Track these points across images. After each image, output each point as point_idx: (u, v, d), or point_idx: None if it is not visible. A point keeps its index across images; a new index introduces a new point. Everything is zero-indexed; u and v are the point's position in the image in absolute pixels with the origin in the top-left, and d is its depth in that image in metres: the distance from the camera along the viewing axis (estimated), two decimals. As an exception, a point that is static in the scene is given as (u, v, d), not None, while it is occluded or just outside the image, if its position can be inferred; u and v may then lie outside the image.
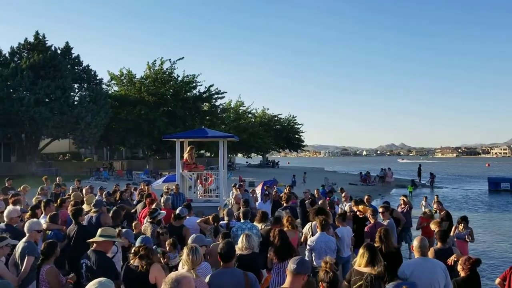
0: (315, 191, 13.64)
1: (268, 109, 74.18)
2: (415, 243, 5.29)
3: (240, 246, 5.29)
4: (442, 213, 10.78)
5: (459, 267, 5.48)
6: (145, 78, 40.37)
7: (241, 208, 8.41)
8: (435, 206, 11.49)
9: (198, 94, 42.51)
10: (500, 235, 16.68)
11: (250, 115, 65.44)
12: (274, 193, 14.36)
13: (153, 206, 8.50)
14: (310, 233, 7.61)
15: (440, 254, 6.11)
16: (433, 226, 8.16)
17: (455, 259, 6.01)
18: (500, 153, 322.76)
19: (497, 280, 5.69)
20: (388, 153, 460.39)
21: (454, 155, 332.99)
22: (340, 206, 12.26)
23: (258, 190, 16.41)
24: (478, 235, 16.34)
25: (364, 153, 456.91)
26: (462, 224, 9.11)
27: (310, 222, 7.99)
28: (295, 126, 75.80)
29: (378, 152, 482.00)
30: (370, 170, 42.11)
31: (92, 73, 37.98)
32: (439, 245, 6.48)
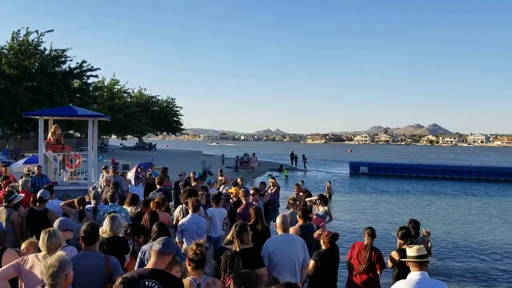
0: (191, 174, 13.68)
1: (145, 89, 71.59)
2: (278, 220, 5.61)
3: (105, 229, 5.08)
4: (304, 193, 11.54)
5: (321, 241, 5.99)
6: (9, 49, 36.09)
7: (110, 190, 8.09)
8: (296, 189, 12.12)
9: (68, 69, 39.34)
10: (360, 213, 18.54)
11: (125, 94, 62.71)
12: (148, 176, 14.09)
13: (9, 189, 7.71)
14: (181, 215, 7.63)
15: (303, 230, 6.65)
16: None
17: (319, 233, 6.53)
18: (361, 140, 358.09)
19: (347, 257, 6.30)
20: (264, 138, 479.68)
21: (323, 141, 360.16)
22: (219, 188, 12.47)
23: (132, 173, 15.96)
24: (340, 213, 18.05)
25: (242, 137, 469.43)
26: (321, 204, 9.82)
27: (181, 205, 8.01)
28: (174, 108, 74.76)
29: (256, 137, 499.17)
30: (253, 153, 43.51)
31: None
32: (301, 222, 6.98)
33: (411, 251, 4.21)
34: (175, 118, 75.59)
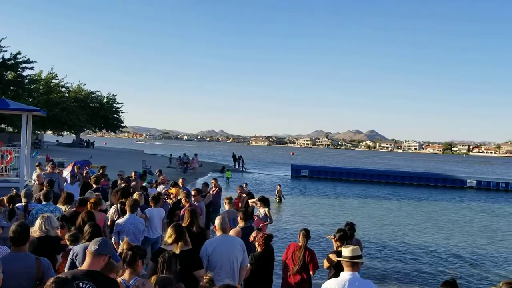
0: (132, 173, 13.36)
1: (85, 84, 68.86)
2: (216, 221, 5.64)
3: (36, 228, 4.88)
4: (247, 195, 11.67)
5: (256, 243, 6.07)
6: None
7: (44, 188, 7.75)
8: (239, 190, 12.22)
9: (1, 60, 37.08)
10: (300, 215, 18.95)
11: (64, 89, 60.04)
12: (85, 174, 13.60)
13: None
14: (117, 215, 7.46)
15: (244, 232, 6.74)
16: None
17: (254, 235, 6.63)
18: (303, 143, 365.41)
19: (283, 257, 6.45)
20: (208, 138, 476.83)
21: (266, 143, 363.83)
22: (158, 188, 12.26)
23: (68, 171, 15.36)
24: (281, 215, 18.37)
25: (185, 137, 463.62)
26: (261, 205, 9.96)
27: (116, 205, 7.82)
28: (114, 105, 72.44)
29: (199, 137, 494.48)
30: (191, 154, 43.10)
31: None
32: (242, 223, 7.06)
33: (346, 251, 4.38)
34: (115, 115, 73.22)
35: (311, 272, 6.04)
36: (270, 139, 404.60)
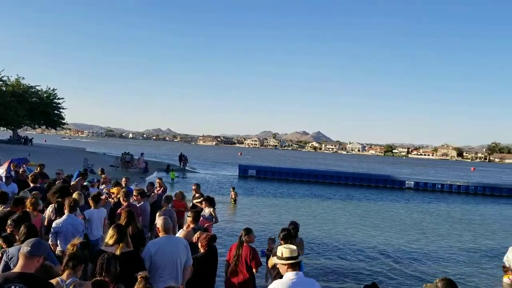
0: (79, 172, 12.85)
1: (23, 78, 65.24)
2: (159, 222, 5.54)
3: None
4: (197, 195, 11.55)
5: (199, 244, 6.04)
6: None
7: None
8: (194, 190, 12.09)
9: None
10: (245, 215, 19.04)
11: (0, 82, 56.77)
12: (21, 172, 13.02)
13: None
14: (53, 215, 7.16)
15: (194, 233, 6.67)
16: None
17: (197, 236, 6.59)
18: (251, 143, 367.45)
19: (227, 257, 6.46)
20: (154, 137, 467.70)
21: (214, 143, 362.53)
22: (100, 188, 11.91)
23: (3, 169, 14.66)
24: (226, 215, 18.38)
25: (131, 135, 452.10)
26: (207, 205, 9.95)
27: (53, 204, 7.49)
28: (54, 100, 69.32)
29: (145, 135, 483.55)
30: (136, 153, 42.10)
31: None
32: (192, 225, 7.01)
33: (287, 252, 4.27)
34: (55, 111, 70.07)
35: (253, 270, 6.09)
36: (218, 139, 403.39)
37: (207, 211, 9.58)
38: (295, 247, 4.41)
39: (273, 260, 6.14)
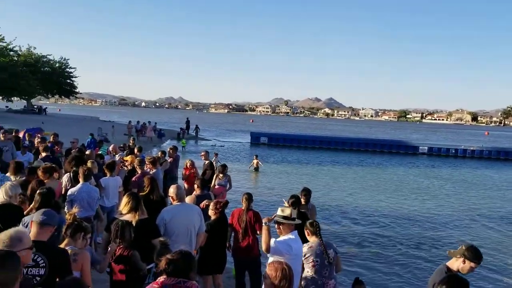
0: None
1: (35, 48, 65.17)
2: (172, 190, 5.61)
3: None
4: (206, 163, 11.65)
5: (210, 211, 6.03)
6: None
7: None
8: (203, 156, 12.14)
9: None
10: (258, 182, 19.15)
11: (12, 52, 56.84)
12: (37, 142, 13.12)
13: None
14: (70, 184, 7.23)
15: (199, 200, 6.74)
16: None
17: (207, 203, 6.58)
18: (263, 111, 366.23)
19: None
20: (166, 105, 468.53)
21: (226, 110, 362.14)
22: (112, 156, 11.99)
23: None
24: (239, 182, 18.48)
25: (143, 104, 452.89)
26: (222, 173, 10.13)
27: (69, 173, 7.56)
28: (67, 69, 69.41)
29: (157, 104, 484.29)
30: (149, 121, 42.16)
31: None
32: (198, 191, 7.05)
33: (279, 211, 4.64)
34: (68, 81, 70.24)
35: (258, 232, 6.07)
36: (230, 107, 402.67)
37: (221, 177, 10.00)
38: (289, 210, 4.67)
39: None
